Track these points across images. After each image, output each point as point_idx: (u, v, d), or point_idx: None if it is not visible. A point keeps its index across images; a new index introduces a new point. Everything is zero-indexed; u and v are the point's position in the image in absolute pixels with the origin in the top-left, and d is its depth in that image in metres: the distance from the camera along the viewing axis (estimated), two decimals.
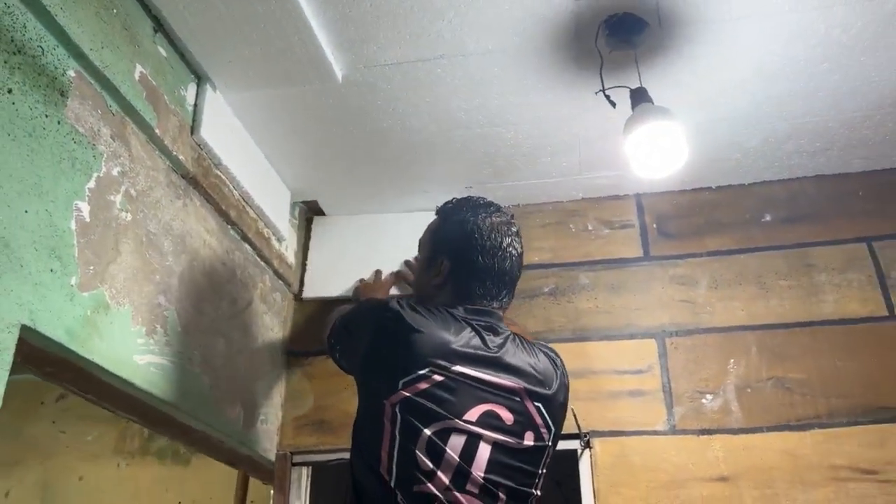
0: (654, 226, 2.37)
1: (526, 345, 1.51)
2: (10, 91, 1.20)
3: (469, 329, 1.41)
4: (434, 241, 1.58)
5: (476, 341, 1.39)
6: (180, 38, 1.70)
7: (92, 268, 1.37)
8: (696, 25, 1.72)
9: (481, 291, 1.49)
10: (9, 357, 1.14)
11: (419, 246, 1.65)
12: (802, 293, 2.19)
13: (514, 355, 1.44)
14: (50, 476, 3.40)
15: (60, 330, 1.27)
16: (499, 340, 1.44)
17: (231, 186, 1.95)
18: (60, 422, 3.49)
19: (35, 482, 3.37)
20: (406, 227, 2.41)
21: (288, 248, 2.34)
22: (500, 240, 1.50)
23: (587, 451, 2.07)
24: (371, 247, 2.45)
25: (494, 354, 1.40)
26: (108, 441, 3.43)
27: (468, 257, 1.48)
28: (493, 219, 1.52)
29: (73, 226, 1.32)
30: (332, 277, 2.40)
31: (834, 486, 1.92)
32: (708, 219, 2.35)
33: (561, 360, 1.58)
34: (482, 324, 1.44)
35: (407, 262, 2.33)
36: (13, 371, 1.16)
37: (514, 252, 1.52)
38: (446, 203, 1.62)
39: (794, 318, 2.16)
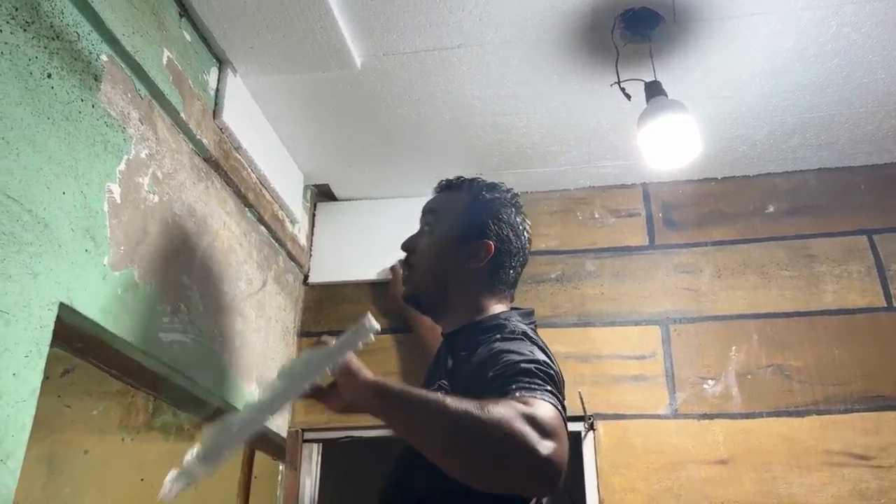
0: (660, 215, 2.42)
1: None
2: (49, 76, 1.24)
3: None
4: (473, 218, 1.44)
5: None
6: (204, 22, 1.73)
7: (122, 248, 1.41)
8: (710, 21, 1.76)
9: (508, 281, 1.45)
10: (49, 333, 1.19)
11: (439, 217, 1.48)
12: (803, 283, 2.25)
13: None
14: (56, 450, 3.43)
15: (94, 308, 1.31)
16: None
17: (249, 170, 1.98)
18: (66, 396, 3.52)
19: (41, 456, 3.41)
20: (414, 211, 2.45)
21: (300, 231, 2.38)
22: (530, 238, 1.50)
23: (591, 433, 2.13)
24: (377, 231, 2.49)
25: None
26: (113, 416, 3.46)
27: (509, 249, 1.45)
28: (527, 220, 1.51)
29: (105, 207, 1.36)
30: (336, 263, 2.44)
31: (829, 470, 1.99)
32: (712, 209, 2.40)
33: None
34: (534, 327, 1.42)
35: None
36: None
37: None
38: (471, 181, 1.52)
39: (795, 308, 2.22)
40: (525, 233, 1.49)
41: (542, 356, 1.22)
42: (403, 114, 2.09)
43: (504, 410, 1.02)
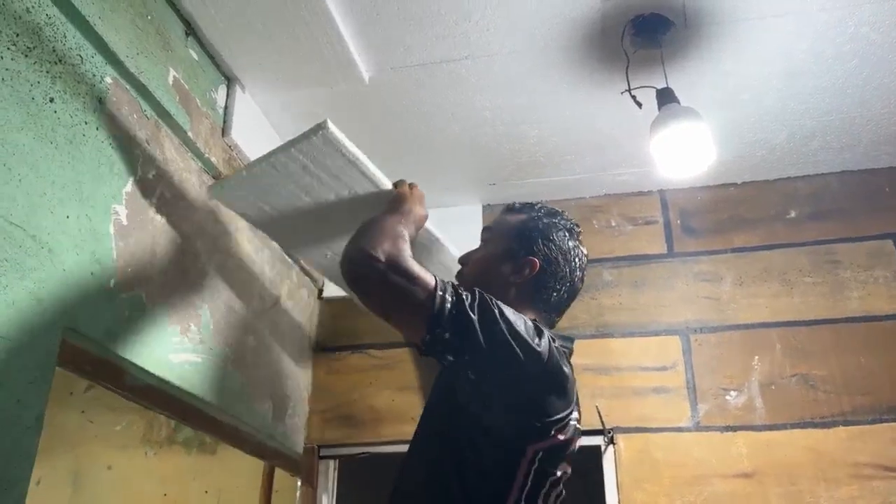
0: (679, 222, 2.38)
1: None
2: (52, 100, 1.23)
3: (568, 364, 1.35)
4: (522, 236, 1.48)
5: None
6: (210, 41, 1.73)
7: (130, 269, 1.41)
8: (722, 25, 1.72)
9: (551, 304, 1.46)
10: (53, 358, 1.18)
11: (492, 234, 1.55)
12: (827, 290, 2.19)
13: None
14: (80, 465, 3.45)
15: (100, 331, 1.30)
16: None
17: None
18: (89, 412, 3.54)
19: (65, 471, 3.43)
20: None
21: None
22: (584, 269, 1.51)
23: (611, 446, 2.09)
24: None
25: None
26: (136, 431, 3.47)
27: (555, 271, 1.45)
28: (583, 249, 1.52)
29: (111, 229, 1.36)
30: None
31: (858, 483, 1.93)
32: (732, 215, 2.35)
33: None
34: (569, 353, 1.41)
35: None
36: None
37: (582, 284, 1.53)
38: (532, 205, 1.56)
39: (819, 315, 2.16)
40: (576, 260, 1.48)
41: (530, 328, 1.24)
42: (413, 126, 2.08)
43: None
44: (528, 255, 1.45)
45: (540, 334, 1.24)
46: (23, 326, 1.11)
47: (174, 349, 1.56)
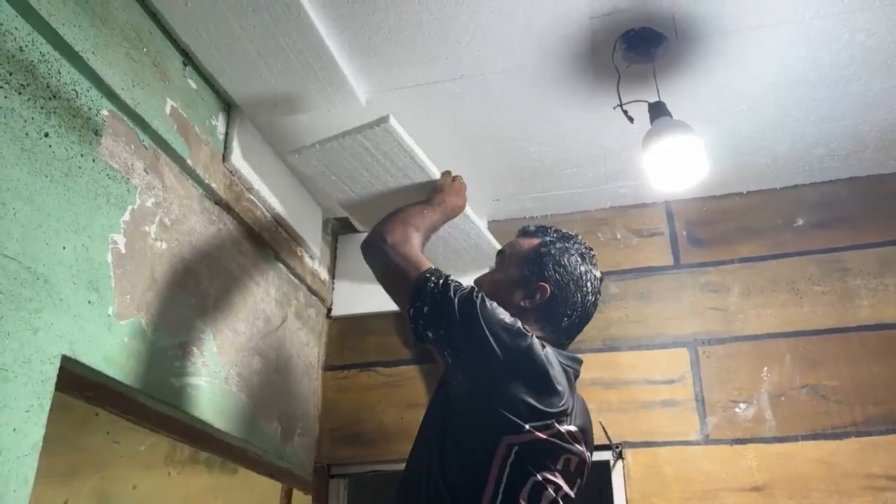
0: (684, 233, 2.36)
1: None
2: (46, 135, 1.27)
3: (568, 383, 1.38)
4: (534, 262, 1.52)
5: (570, 397, 1.37)
6: (209, 70, 1.77)
7: (129, 297, 1.44)
8: (714, 36, 1.71)
9: (561, 328, 1.49)
10: (51, 387, 1.21)
11: (505, 258, 1.59)
12: (836, 298, 2.15)
13: (578, 403, 1.44)
14: (106, 485, 3.52)
15: (99, 358, 1.34)
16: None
17: (263, 209, 2.01)
18: (114, 432, 3.60)
19: (92, 491, 3.50)
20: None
21: (321, 265, 2.40)
22: (597, 292, 1.54)
23: (619, 461, 2.08)
24: None
25: (577, 406, 1.42)
26: (159, 451, 3.53)
27: (566, 296, 1.48)
28: (597, 273, 1.55)
29: (109, 258, 1.39)
30: (360, 294, 2.44)
31: (871, 495, 1.90)
32: (739, 225, 2.33)
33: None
34: (575, 373, 1.45)
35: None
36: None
37: (595, 308, 1.57)
38: (546, 229, 1.60)
39: (829, 325, 2.12)
40: (588, 285, 1.51)
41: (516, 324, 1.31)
42: None
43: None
44: (540, 280, 1.49)
45: (526, 330, 1.30)
46: (18, 356, 1.15)
47: (176, 373, 1.59)
